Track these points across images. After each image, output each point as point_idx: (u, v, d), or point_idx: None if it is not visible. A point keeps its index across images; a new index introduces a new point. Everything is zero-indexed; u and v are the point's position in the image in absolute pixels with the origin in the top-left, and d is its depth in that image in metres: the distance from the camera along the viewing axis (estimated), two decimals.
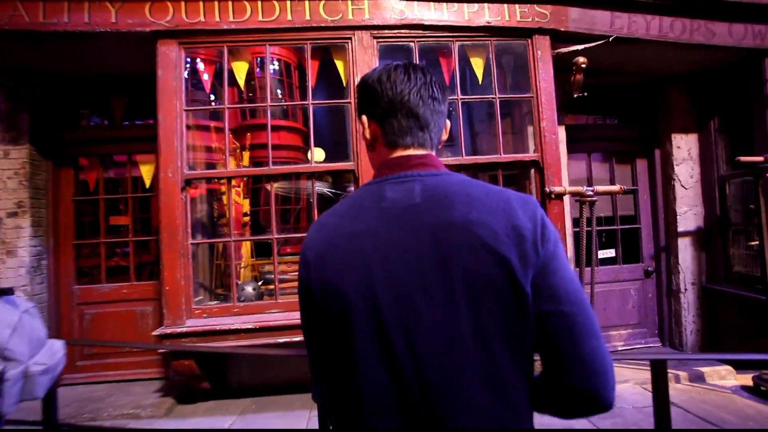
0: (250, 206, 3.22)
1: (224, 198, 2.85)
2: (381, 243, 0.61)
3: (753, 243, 3.29)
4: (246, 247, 3.05)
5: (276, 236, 2.54)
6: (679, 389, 2.98)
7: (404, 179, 0.66)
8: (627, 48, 2.84)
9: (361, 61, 2.56)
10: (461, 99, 2.67)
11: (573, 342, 0.58)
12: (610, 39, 2.71)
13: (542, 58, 2.68)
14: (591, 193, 2.66)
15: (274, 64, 5.55)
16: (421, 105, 0.69)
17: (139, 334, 3.01)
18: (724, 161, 3.33)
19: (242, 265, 3.00)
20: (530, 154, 2.74)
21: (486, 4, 2.60)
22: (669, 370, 3.21)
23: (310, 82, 2.60)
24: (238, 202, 2.90)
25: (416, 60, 2.62)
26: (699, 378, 3.07)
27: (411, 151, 0.69)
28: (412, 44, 2.63)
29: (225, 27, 2.48)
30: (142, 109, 3.20)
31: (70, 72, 2.97)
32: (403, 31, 2.58)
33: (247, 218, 3.13)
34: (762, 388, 2.82)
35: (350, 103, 2.58)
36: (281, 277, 2.68)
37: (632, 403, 2.73)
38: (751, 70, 2.99)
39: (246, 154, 3.08)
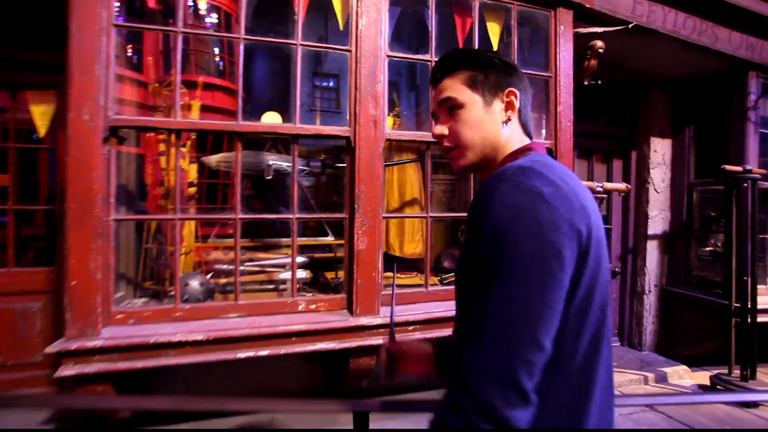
0: (199, 176, 2.47)
1: (163, 160, 2.09)
2: (597, 219, 0.63)
3: (707, 249, 3.44)
4: (188, 228, 2.32)
5: (241, 216, 1.90)
6: (650, 391, 3.00)
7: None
8: (639, 39, 2.68)
9: (368, 1, 2.00)
10: None
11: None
12: (630, 26, 2.51)
13: (564, 35, 2.38)
14: (600, 189, 2.46)
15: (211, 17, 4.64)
16: None
17: (19, 343, 2.13)
18: (693, 168, 3.41)
19: (183, 251, 2.27)
20: (544, 141, 2.44)
21: None
22: (637, 372, 3.25)
23: (301, 13, 1.97)
24: (183, 168, 2.16)
25: (431, 10, 2.14)
26: (663, 379, 3.13)
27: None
28: None
29: None
30: (38, 27, 2.25)
31: None
32: None
33: (193, 189, 2.39)
34: (719, 387, 2.92)
35: (351, 51, 2.02)
36: (242, 268, 2.04)
37: None
38: (735, 82, 3.05)
39: (195, 107, 2.33)
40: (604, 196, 2.46)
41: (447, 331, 2.13)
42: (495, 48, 2.41)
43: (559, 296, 0.54)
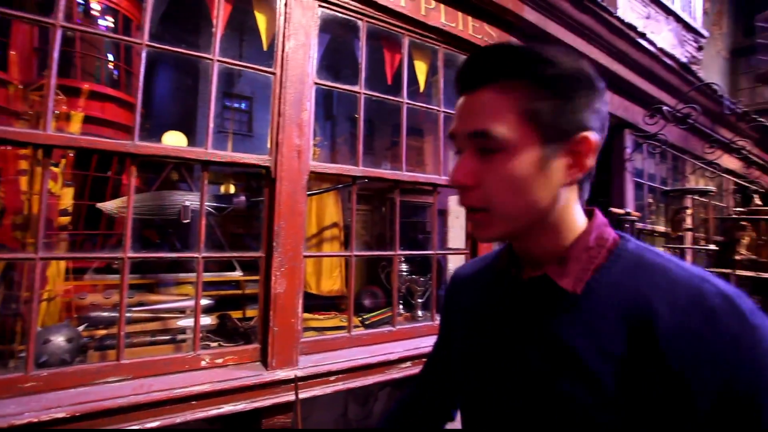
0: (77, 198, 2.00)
1: (24, 181, 1.63)
2: None
3: None
4: (55, 267, 1.84)
5: (131, 255, 1.56)
6: None
7: None
8: None
9: (296, 22, 1.88)
10: (407, 103, 2.25)
11: None
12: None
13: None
14: None
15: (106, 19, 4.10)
16: None
17: None
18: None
19: (45, 296, 1.79)
20: None
21: (443, 6, 2.29)
22: None
23: (219, 26, 1.76)
24: (54, 192, 1.72)
25: (362, 41, 2.08)
26: None
27: None
28: (360, 22, 2.09)
29: None
30: None
31: None
32: (353, 2, 2.02)
33: (65, 219, 1.91)
34: None
35: (275, 74, 1.85)
36: (129, 315, 1.66)
37: None
38: (615, 138, 3.53)
39: (77, 119, 1.92)
40: None
41: (370, 380, 1.97)
42: (421, 87, 2.45)
43: None
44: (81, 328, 1.72)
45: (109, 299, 2.06)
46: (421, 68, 2.42)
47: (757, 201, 4.84)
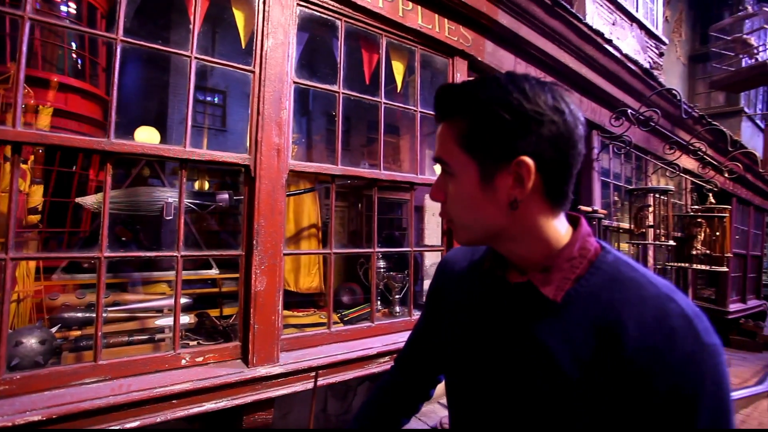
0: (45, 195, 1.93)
1: None
2: None
3: None
4: (25, 267, 1.78)
5: (106, 254, 1.54)
6: None
7: None
8: None
9: (275, 20, 1.88)
10: (384, 103, 2.29)
11: None
12: None
13: (460, 82, 2.58)
14: None
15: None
16: None
17: None
18: None
19: (15, 297, 1.73)
20: None
21: (420, 8, 2.34)
22: None
23: (197, 22, 1.74)
24: (23, 191, 1.67)
25: (340, 41, 2.11)
26: None
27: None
28: (338, 22, 2.11)
29: None
30: None
31: None
32: (332, 2, 2.04)
33: (35, 217, 1.85)
34: None
35: (254, 72, 1.85)
36: (104, 315, 1.63)
37: None
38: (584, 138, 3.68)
39: (45, 113, 1.85)
40: None
41: (350, 375, 2.02)
42: (399, 87, 2.49)
43: None
44: (54, 329, 1.68)
45: (82, 299, 2.01)
46: (398, 68, 2.46)
47: (712, 199, 5.16)
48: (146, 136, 3.01)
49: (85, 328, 1.87)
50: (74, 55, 3.97)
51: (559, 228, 0.59)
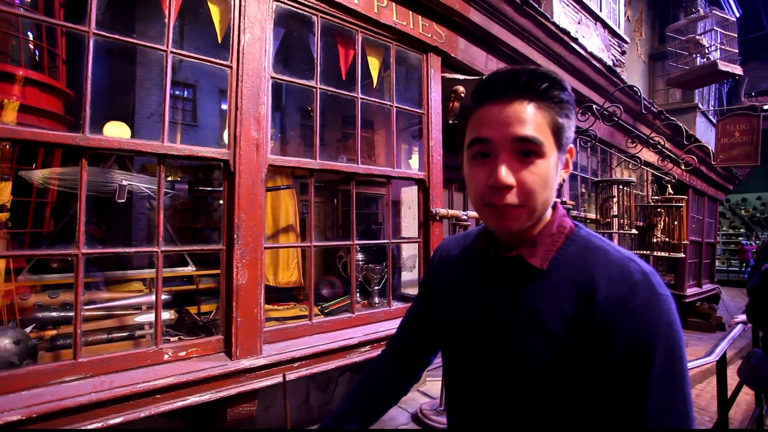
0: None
1: None
2: None
3: None
4: None
5: (84, 251, 1.52)
6: None
7: None
8: None
9: (252, 16, 1.88)
10: (361, 98, 2.33)
11: None
12: (483, 77, 2.94)
13: (434, 78, 2.65)
14: (465, 217, 2.76)
15: None
16: None
17: None
18: None
19: None
20: (417, 172, 2.63)
21: (395, 4, 2.38)
22: None
23: (172, 16, 1.73)
24: None
25: (317, 37, 2.13)
26: None
27: None
28: (315, 18, 2.13)
29: None
30: None
31: None
32: None
33: (4, 215, 1.79)
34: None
35: (231, 67, 1.85)
36: (84, 312, 1.61)
37: None
38: None
39: (11, 108, 1.79)
40: (469, 223, 2.77)
41: (332, 365, 2.06)
42: (374, 83, 2.53)
43: None
44: (28, 329, 1.64)
45: (56, 299, 1.97)
46: (374, 64, 2.50)
47: (670, 190, 5.47)
48: (116, 132, 2.94)
49: (61, 328, 1.83)
50: (31, 46, 3.77)
51: (547, 210, 0.69)
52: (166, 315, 2.01)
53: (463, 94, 2.86)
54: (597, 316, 0.58)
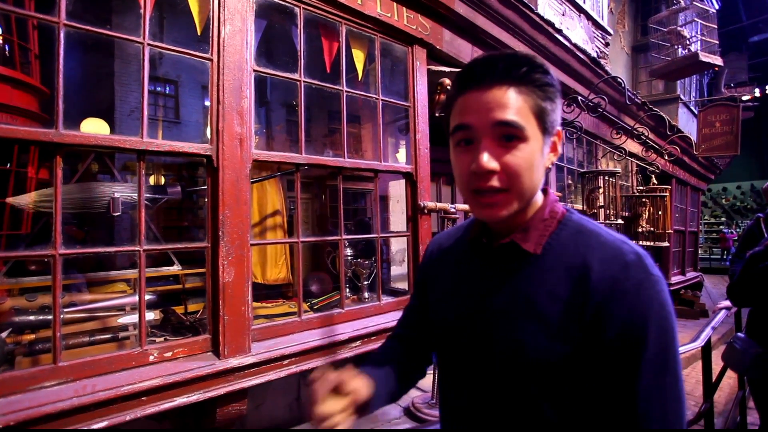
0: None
1: None
2: None
3: None
4: None
5: (61, 251, 1.47)
6: None
7: None
8: None
9: (232, 7, 1.83)
10: (346, 92, 2.29)
11: None
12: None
13: (420, 70, 2.63)
14: (453, 210, 2.75)
15: None
16: None
17: None
18: None
19: None
20: (405, 166, 2.61)
21: None
22: None
23: (148, 6, 1.67)
24: None
25: (300, 29, 2.09)
26: None
27: None
28: (297, 9, 2.08)
29: None
30: None
31: None
32: None
33: None
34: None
35: (212, 60, 1.80)
36: (64, 315, 1.56)
37: None
38: None
39: None
40: (457, 216, 2.77)
41: (322, 361, 2.04)
42: (360, 75, 2.50)
43: None
44: (5, 334, 1.59)
45: (33, 302, 1.90)
46: (359, 57, 2.47)
47: (654, 180, 5.55)
48: (93, 128, 2.85)
49: (40, 332, 1.78)
50: (0, 41, 3.63)
51: (539, 195, 0.69)
52: (151, 315, 1.96)
53: (449, 87, 2.83)
54: (591, 297, 0.58)
